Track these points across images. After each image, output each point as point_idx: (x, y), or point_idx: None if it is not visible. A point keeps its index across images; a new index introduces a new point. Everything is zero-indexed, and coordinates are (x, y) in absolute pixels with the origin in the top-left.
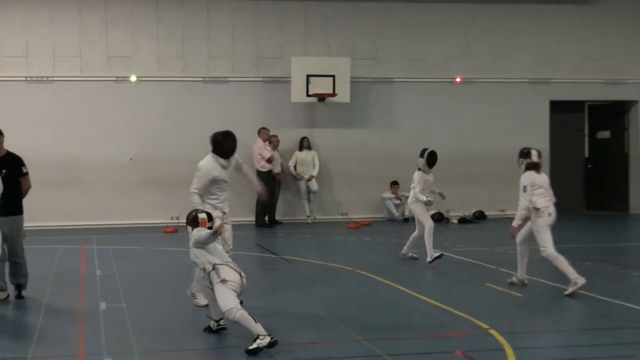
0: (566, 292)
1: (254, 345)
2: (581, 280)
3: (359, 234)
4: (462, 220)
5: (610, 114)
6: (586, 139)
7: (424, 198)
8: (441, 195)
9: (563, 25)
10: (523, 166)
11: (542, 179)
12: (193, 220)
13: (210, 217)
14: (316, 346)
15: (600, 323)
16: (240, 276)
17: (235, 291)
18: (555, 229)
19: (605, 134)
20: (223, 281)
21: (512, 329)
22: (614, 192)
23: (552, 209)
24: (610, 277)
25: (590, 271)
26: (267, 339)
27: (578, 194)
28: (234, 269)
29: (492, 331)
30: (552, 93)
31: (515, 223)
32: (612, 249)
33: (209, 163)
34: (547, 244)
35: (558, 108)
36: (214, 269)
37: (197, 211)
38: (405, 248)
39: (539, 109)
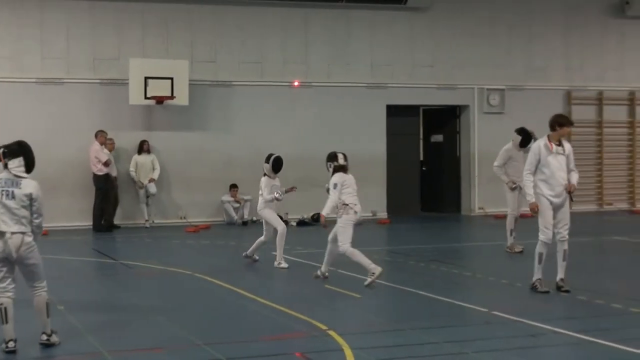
0: (365, 283)
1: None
2: (378, 270)
3: (198, 237)
4: (301, 223)
5: (444, 118)
6: (421, 142)
7: (273, 195)
8: (290, 189)
9: (396, 32)
10: (331, 169)
11: (351, 179)
12: None
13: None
14: (154, 351)
15: (435, 321)
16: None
17: None
18: (391, 229)
19: (438, 138)
20: None
21: (350, 330)
22: (447, 194)
23: (358, 208)
24: (443, 277)
25: (425, 271)
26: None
27: (413, 196)
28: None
29: (331, 332)
30: (388, 97)
31: (324, 212)
32: (446, 249)
33: None
34: (346, 240)
35: (394, 112)
36: None
37: None
38: (250, 250)
39: (375, 113)
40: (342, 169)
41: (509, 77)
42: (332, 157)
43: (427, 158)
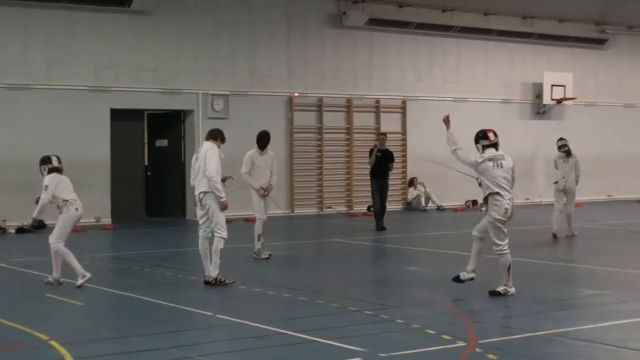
0: (78, 284)
1: None
2: (88, 274)
3: None
4: (20, 230)
5: (168, 122)
6: (145, 147)
7: None
8: None
9: (119, 34)
10: (45, 172)
11: (65, 181)
12: None
13: None
14: None
15: (160, 327)
16: None
17: None
18: (115, 235)
19: (163, 142)
20: None
21: (73, 339)
22: (172, 199)
23: (79, 204)
24: (169, 282)
25: (150, 277)
26: None
27: (138, 201)
28: None
29: (53, 342)
30: (112, 101)
31: (35, 215)
32: (171, 254)
33: None
34: (61, 237)
35: (118, 116)
36: None
37: None
38: None
39: (99, 117)
40: (57, 170)
41: (233, 83)
42: (46, 160)
43: (151, 163)
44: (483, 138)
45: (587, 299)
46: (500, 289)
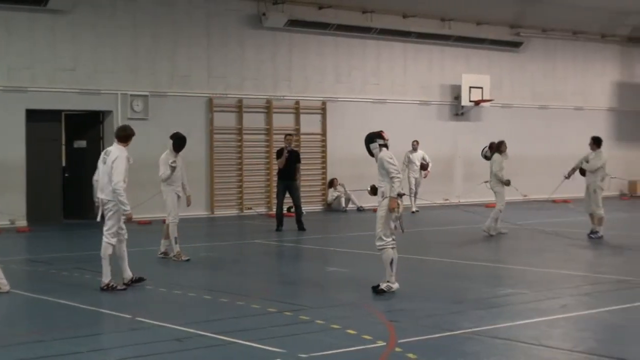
0: None
1: None
2: (6, 288)
3: None
4: None
5: (87, 123)
6: (63, 148)
7: None
8: None
9: (35, 34)
10: None
11: None
12: None
13: None
14: None
15: (79, 331)
16: None
17: None
18: (31, 238)
19: (82, 143)
20: None
21: None
22: (91, 200)
23: None
24: (87, 285)
25: (67, 280)
26: None
27: (55, 203)
28: None
29: None
30: (27, 102)
31: None
32: (89, 256)
33: None
34: None
35: (34, 117)
36: None
37: None
38: None
39: (14, 117)
40: None
41: (153, 84)
42: None
43: (69, 164)
44: (380, 137)
45: (505, 298)
46: (384, 285)
